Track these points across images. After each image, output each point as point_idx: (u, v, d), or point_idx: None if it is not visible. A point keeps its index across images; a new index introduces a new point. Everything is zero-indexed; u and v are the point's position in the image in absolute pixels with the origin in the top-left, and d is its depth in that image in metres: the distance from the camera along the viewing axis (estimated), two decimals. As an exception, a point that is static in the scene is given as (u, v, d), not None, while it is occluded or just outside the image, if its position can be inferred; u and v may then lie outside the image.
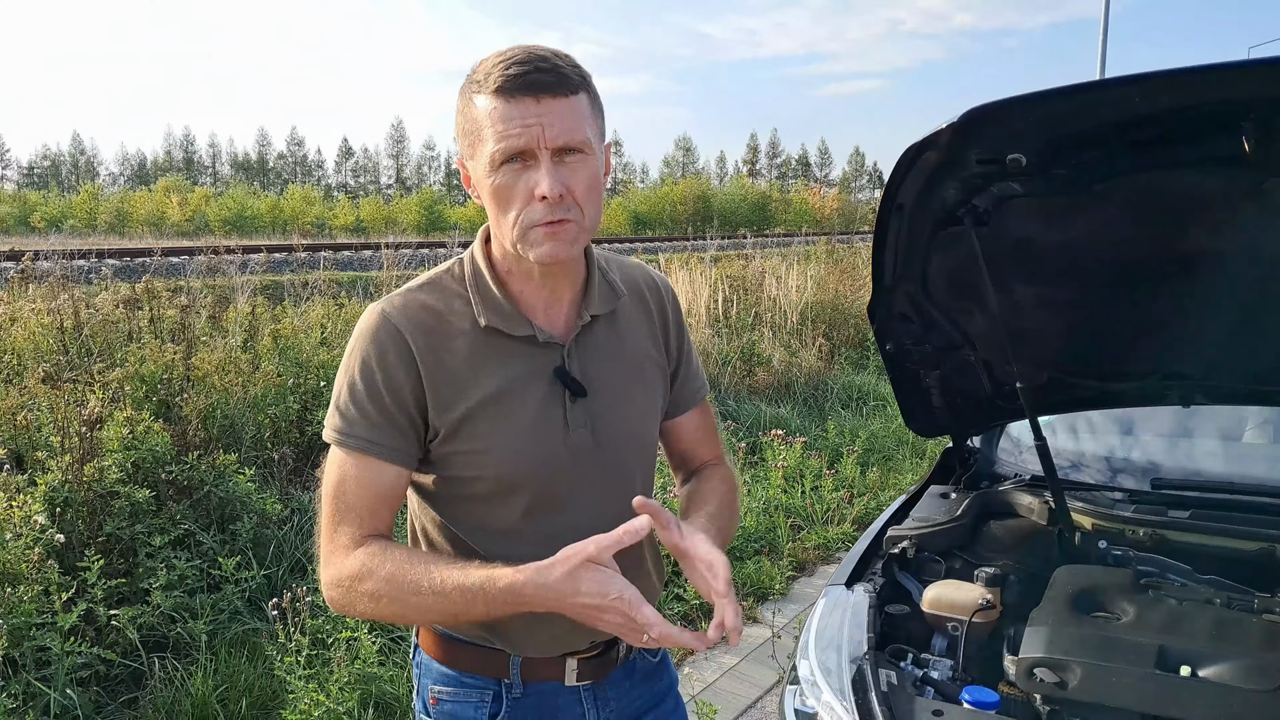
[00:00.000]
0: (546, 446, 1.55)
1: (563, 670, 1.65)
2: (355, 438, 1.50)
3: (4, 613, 3.55)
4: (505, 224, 1.45)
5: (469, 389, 1.51)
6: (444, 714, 1.66)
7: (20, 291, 7.77)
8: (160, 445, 4.67)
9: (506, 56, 1.40)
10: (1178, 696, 1.98)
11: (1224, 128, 1.79)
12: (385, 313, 1.52)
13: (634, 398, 1.67)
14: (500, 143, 1.39)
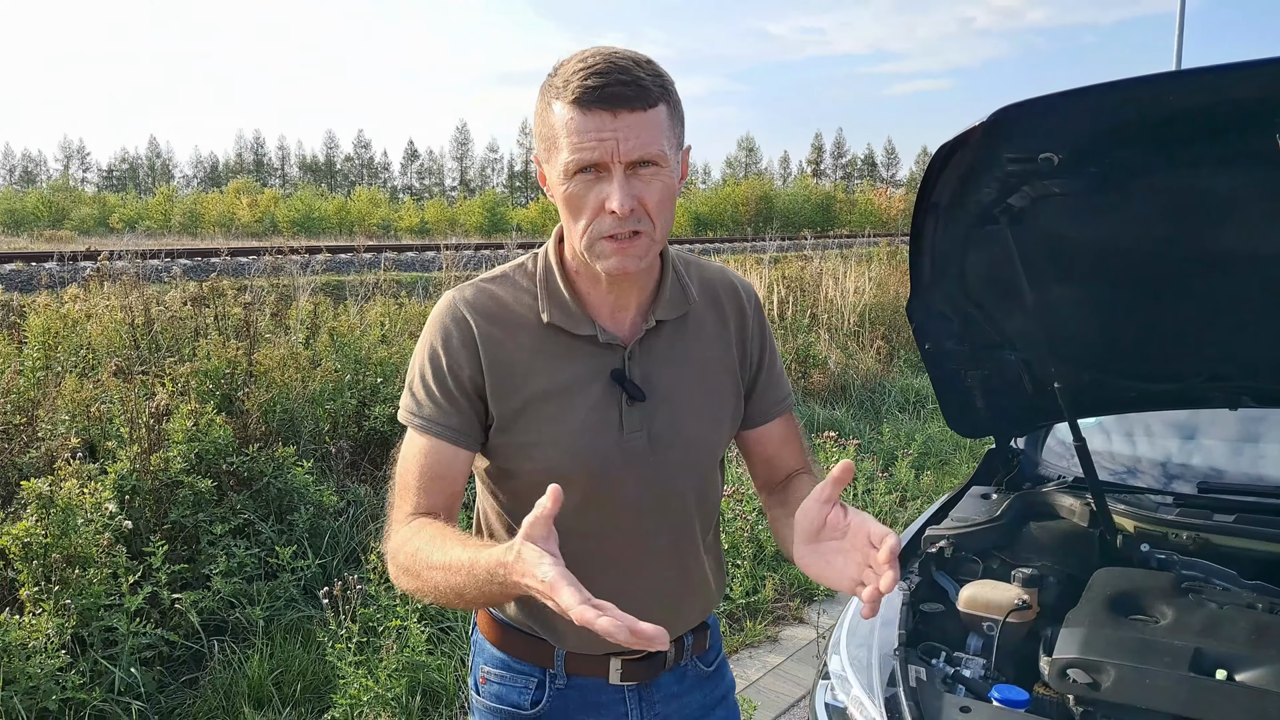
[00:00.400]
0: (598, 446, 1.54)
1: (607, 668, 1.65)
2: (420, 418, 1.54)
3: (74, 594, 3.70)
4: (575, 231, 1.46)
5: (527, 382, 1.53)
6: (491, 694, 1.70)
7: (96, 290, 8.02)
8: (223, 437, 4.81)
9: (587, 65, 1.38)
10: (1211, 700, 1.97)
11: (1258, 125, 1.78)
12: (455, 300, 1.56)
13: (697, 405, 1.63)
14: (574, 154, 1.38)
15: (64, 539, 3.76)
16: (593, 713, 1.66)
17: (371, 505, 5.22)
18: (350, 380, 5.99)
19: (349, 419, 5.88)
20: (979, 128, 2.00)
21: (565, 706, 1.66)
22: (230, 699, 3.86)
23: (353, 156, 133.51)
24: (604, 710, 1.67)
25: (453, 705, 3.87)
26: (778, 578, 5.30)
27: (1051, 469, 3.19)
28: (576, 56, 1.42)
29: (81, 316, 6.82)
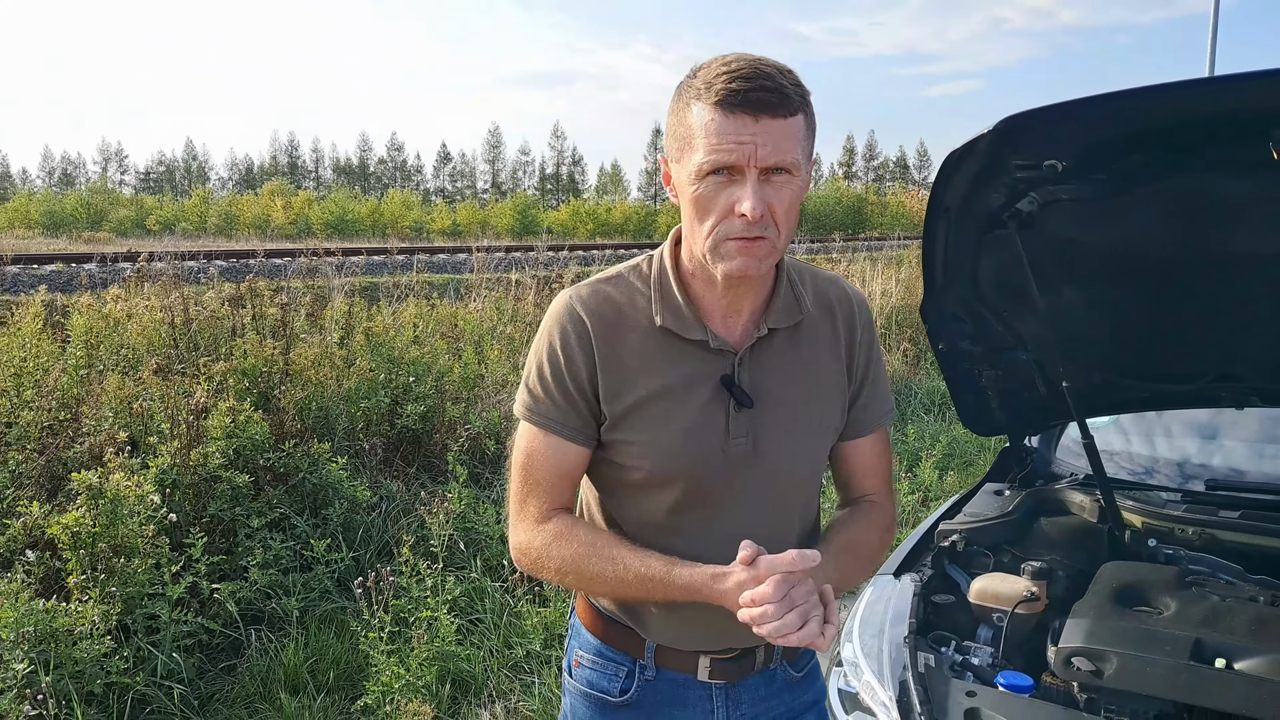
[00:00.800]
0: (703, 450, 1.57)
1: (696, 664, 1.68)
2: (542, 415, 1.60)
3: (120, 582, 3.85)
4: (700, 232, 1.48)
5: (637, 383, 1.57)
6: (582, 678, 1.75)
7: (136, 290, 8.22)
8: (259, 434, 4.96)
9: (731, 68, 1.40)
10: (1210, 687, 2.04)
11: (1253, 134, 1.86)
12: (572, 301, 1.60)
13: (804, 415, 1.65)
14: (710, 155, 1.40)
15: (111, 529, 3.91)
16: (680, 707, 1.70)
17: (403, 500, 5.35)
18: (384, 379, 6.13)
19: (382, 417, 6.02)
20: (986, 135, 2.08)
21: (653, 698, 1.70)
22: (267, 685, 3.99)
23: (386, 159, 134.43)
24: (691, 705, 1.70)
25: (481, 694, 3.98)
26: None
27: (1064, 467, 3.27)
28: (719, 60, 1.43)
29: (123, 316, 7.01)
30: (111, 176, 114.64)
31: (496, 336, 8.51)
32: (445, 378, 6.57)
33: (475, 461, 6.05)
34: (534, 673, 4.11)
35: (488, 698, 3.97)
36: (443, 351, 6.96)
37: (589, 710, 1.74)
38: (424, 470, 6.05)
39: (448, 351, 7.09)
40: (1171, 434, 3.25)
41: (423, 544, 4.66)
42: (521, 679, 4.09)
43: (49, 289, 9.81)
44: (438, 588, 4.27)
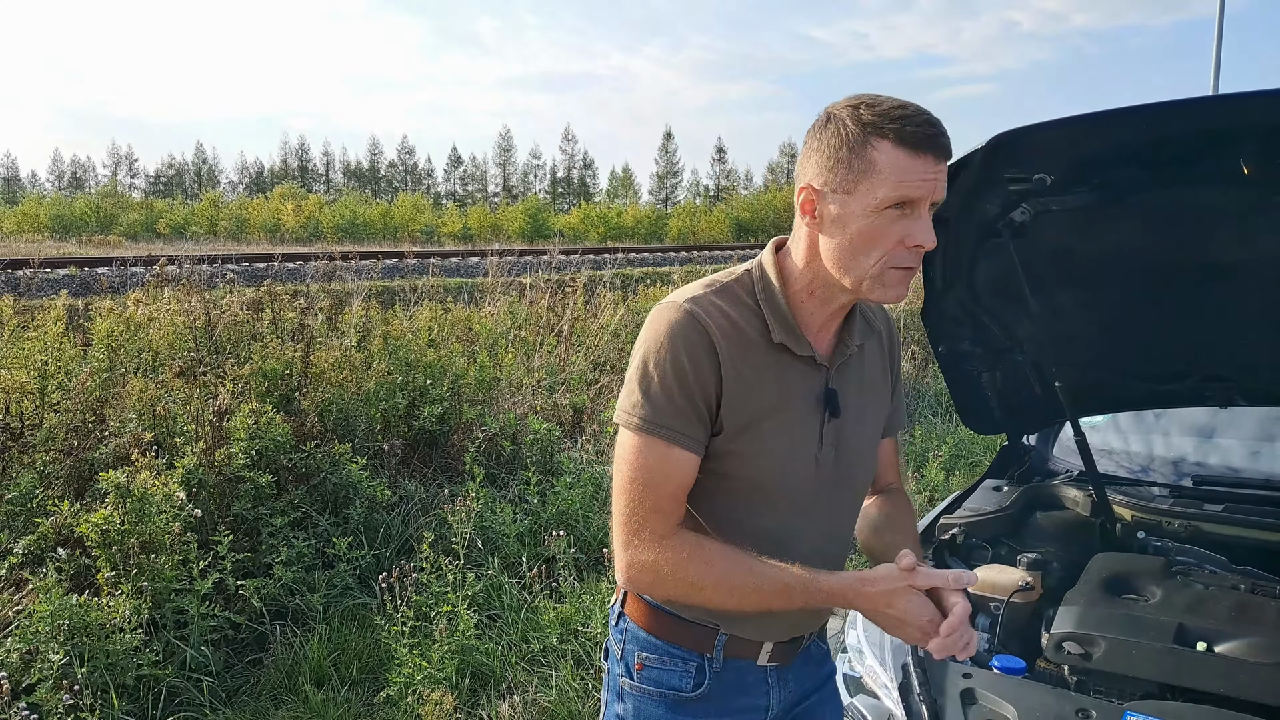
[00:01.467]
0: (802, 457, 1.68)
1: (758, 651, 1.77)
2: (666, 427, 1.60)
3: (149, 578, 4.00)
4: (866, 261, 1.55)
5: (756, 395, 1.63)
6: (650, 679, 1.77)
7: (156, 294, 8.38)
8: (281, 435, 5.10)
9: (908, 110, 1.50)
10: (1191, 668, 2.18)
11: (1225, 151, 1.99)
12: (693, 313, 1.61)
13: (868, 422, 1.80)
14: (897, 190, 1.48)
15: (140, 526, 4.05)
16: (742, 693, 1.79)
17: (422, 500, 5.49)
18: (401, 382, 6.28)
19: (400, 418, 6.16)
20: (980, 150, 2.23)
21: (721, 689, 1.76)
22: (292, 678, 4.13)
23: (396, 162, 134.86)
24: (750, 690, 1.79)
25: (500, 686, 4.12)
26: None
27: (1061, 464, 3.39)
28: (885, 100, 1.53)
29: (144, 320, 7.17)
30: (121, 180, 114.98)
31: (510, 340, 8.66)
32: (461, 380, 6.70)
33: (491, 462, 6.19)
34: (551, 665, 4.25)
35: (506, 689, 4.10)
36: (458, 355, 7.10)
37: (661, 709, 1.78)
38: (441, 471, 6.19)
39: (463, 355, 7.23)
40: (1161, 432, 3.38)
41: (442, 541, 4.80)
42: (539, 671, 4.23)
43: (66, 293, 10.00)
44: (458, 583, 4.41)
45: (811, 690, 1.90)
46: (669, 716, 1.77)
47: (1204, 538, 2.78)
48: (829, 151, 1.54)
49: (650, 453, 1.61)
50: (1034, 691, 2.21)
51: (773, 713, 1.83)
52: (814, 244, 1.61)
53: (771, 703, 1.82)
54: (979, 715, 2.16)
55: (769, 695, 1.81)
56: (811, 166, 1.57)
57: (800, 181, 1.60)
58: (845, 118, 1.53)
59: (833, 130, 1.54)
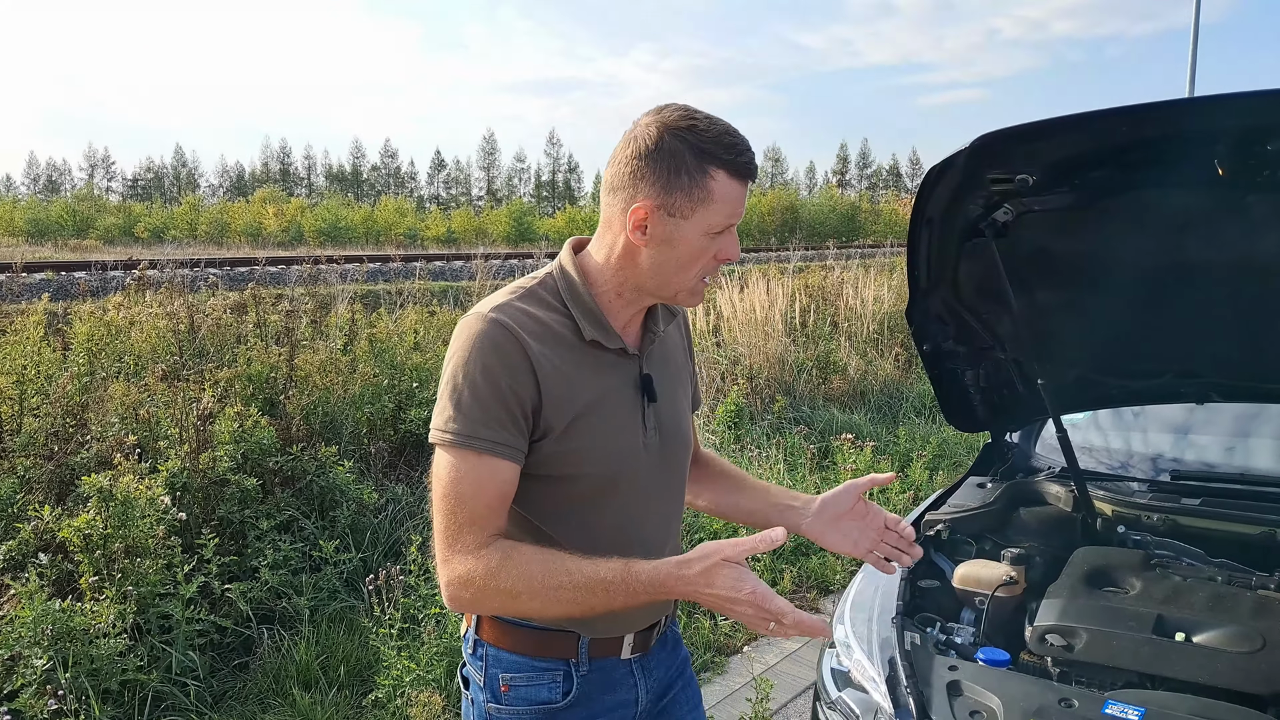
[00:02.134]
0: (632, 446, 1.72)
1: (621, 645, 1.78)
2: (480, 439, 1.58)
3: (133, 582, 3.99)
4: (687, 275, 1.65)
5: (578, 395, 1.65)
6: (519, 698, 1.74)
7: (138, 297, 8.35)
8: (266, 438, 5.09)
9: (734, 138, 1.59)
10: (1170, 658, 2.22)
11: (1199, 153, 2.03)
12: (499, 320, 1.61)
13: (680, 401, 1.87)
14: (729, 219, 1.60)
15: (123, 530, 4.04)
16: (610, 690, 1.80)
17: (409, 503, 5.49)
18: (388, 384, 6.27)
19: (386, 421, 6.16)
20: (964, 152, 2.26)
21: (589, 690, 1.76)
22: (279, 681, 4.13)
23: (379, 166, 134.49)
24: (618, 686, 1.81)
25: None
26: (796, 570, 5.53)
27: (1043, 460, 3.43)
28: (711, 125, 1.59)
29: (125, 324, 7.14)
30: (99, 183, 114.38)
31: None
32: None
33: (476, 465, 6.18)
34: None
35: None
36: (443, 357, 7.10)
37: None
38: (428, 473, 6.18)
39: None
40: (1140, 429, 3.42)
41: (429, 544, 4.80)
42: (525, 672, 4.23)
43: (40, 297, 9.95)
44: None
45: (674, 678, 1.94)
46: None
47: (1182, 531, 2.83)
48: (668, 175, 1.57)
49: (465, 466, 1.59)
50: (1017, 682, 2.24)
51: (642, 705, 1.85)
52: (633, 255, 1.66)
53: (640, 695, 1.84)
54: (964, 706, 2.19)
55: (636, 688, 1.84)
56: (647, 185, 1.59)
57: (629, 196, 1.61)
58: (681, 145, 1.57)
59: (668, 155, 1.57)
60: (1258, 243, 2.31)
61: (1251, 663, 2.14)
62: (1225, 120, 1.99)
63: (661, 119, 1.59)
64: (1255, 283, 2.44)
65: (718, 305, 10.84)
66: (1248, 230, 2.28)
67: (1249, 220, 2.25)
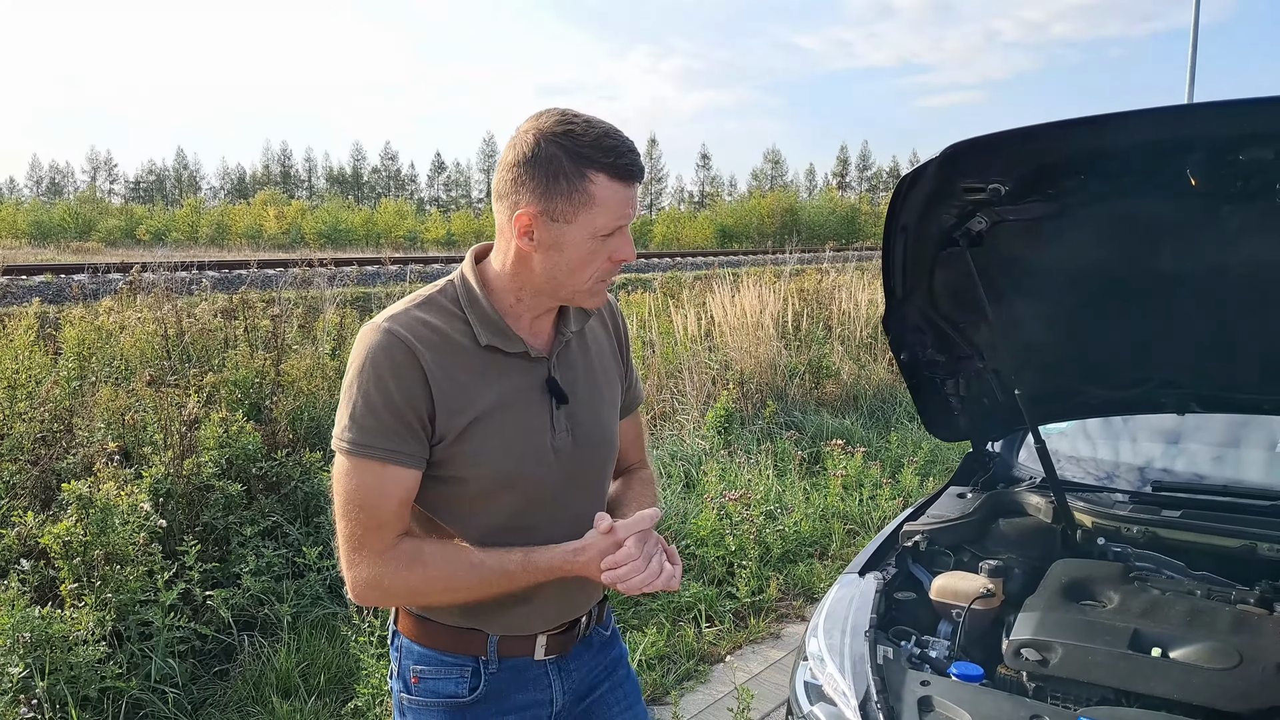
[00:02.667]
0: (537, 448, 1.74)
1: (533, 646, 1.82)
2: (378, 448, 1.62)
3: (113, 589, 3.96)
4: (582, 277, 1.67)
5: (474, 400, 1.68)
6: (426, 690, 1.80)
7: (129, 302, 8.33)
8: (252, 444, 5.05)
9: (614, 139, 1.61)
10: (1145, 674, 2.19)
11: (1172, 162, 2.00)
12: (392, 330, 1.65)
13: (602, 404, 1.88)
14: (617, 221, 1.63)
15: (103, 537, 4.01)
16: (522, 689, 1.83)
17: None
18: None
19: (373, 427, 6.12)
20: (935, 160, 2.23)
21: (499, 688, 1.80)
22: (259, 689, 4.10)
23: (380, 168, 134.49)
24: (531, 685, 1.84)
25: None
26: (782, 578, 5.50)
27: (1025, 471, 3.40)
28: (589, 128, 1.61)
29: (115, 328, 7.12)
30: (101, 186, 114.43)
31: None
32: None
33: (464, 470, 6.15)
34: (520, 674, 4.22)
35: (475, 699, 4.08)
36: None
37: (439, 718, 1.81)
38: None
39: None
40: (1122, 439, 3.39)
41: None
42: (507, 680, 4.20)
43: (40, 301, 9.93)
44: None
45: (601, 679, 1.97)
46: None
47: (1162, 544, 2.80)
48: (546, 181, 1.60)
49: (365, 474, 1.64)
50: (990, 698, 2.21)
51: (558, 705, 1.88)
52: (525, 261, 1.68)
53: (555, 695, 1.87)
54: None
55: (551, 689, 1.86)
56: (527, 192, 1.61)
57: (512, 204, 1.64)
58: (558, 150, 1.59)
59: (545, 160, 1.59)
60: (1233, 254, 2.29)
61: (1228, 680, 2.11)
62: (1196, 131, 1.97)
63: (538, 125, 1.61)
64: (1232, 293, 2.41)
65: (709, 309, 10.81)
66: (1222, 241, 2.26)
67: (1224, 231, 2.22)
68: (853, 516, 6.55)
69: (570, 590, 1.80)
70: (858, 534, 6.38)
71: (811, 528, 6.18)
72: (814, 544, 6.05)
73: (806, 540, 6.05)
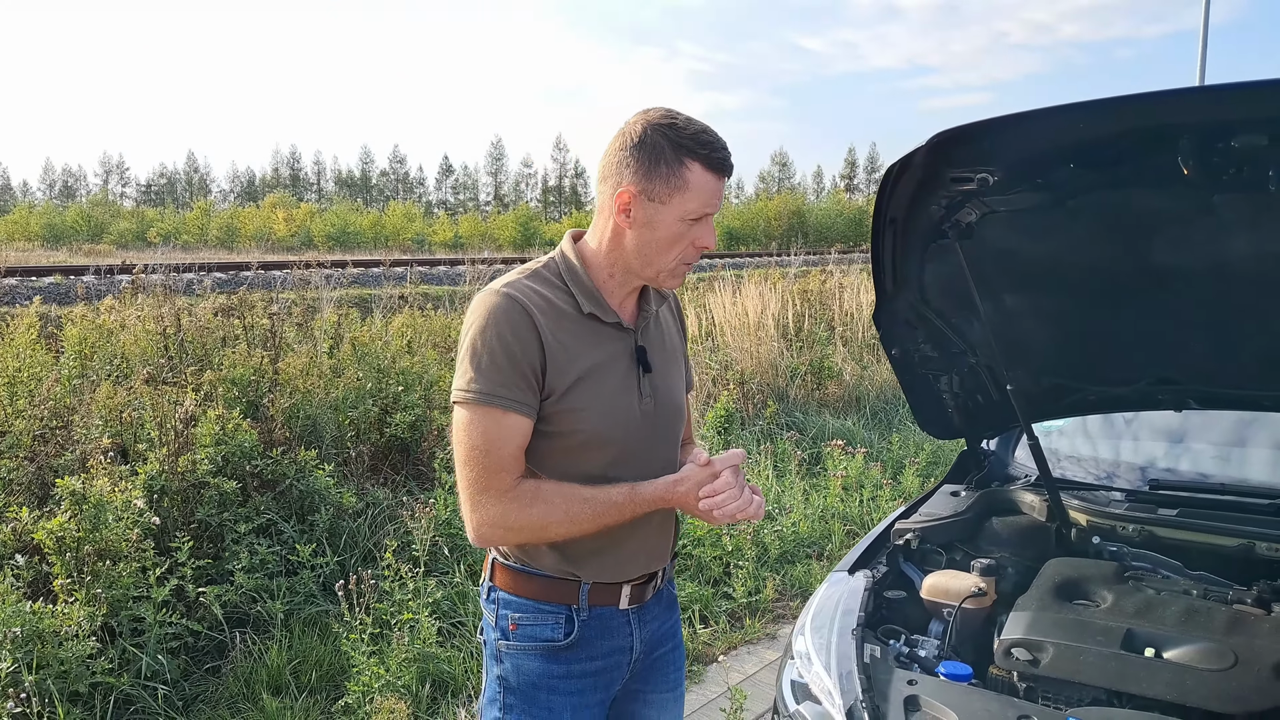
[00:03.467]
0: (628, 409, 1.94)
1: (619, 596, 2.00)
2: (500, 397, 1.82)
3: (105, 585, 3.94)
4: (666, 258, 1.89)
5: (577, 361, 1.88)
6: (524, 635, 1.98)
7: (130, 301, 8.32)
8: (248, 441, 5.03)
9: (711, 137, 1.83)
10: (1138, 675, 2.14)
11: (1164, 151, 1.96)
12: (511, 294, 1.86)
13: (675, 375, 2.11)
14: (705, 208, 1.84)
15: (95, 533, 3.99)
16: (608, 636, 2.01)
17: (389, 507, 5.44)
18: (373, 388, 6.21)
19: (371, 425, 6.10)
20: (922, 149, 2.19)
21: (589, 635, 1.98)
22: (250, 686, 4.08)
23: (388, 171, 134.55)
24: (615, 633, 2.02)
25: (460, 694, 4.06)
26: (779, 579, 5.46)
27: (1020, 469, 3.35)
28: (691, 123, 1.83)
29: (116, 327, 7.11)
30: (113, 189, 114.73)
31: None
32: (435, 387, 6.65)
33: (462, 469, 6.11)
34: (513, 674, 4.19)
35: (466, 697, 4.05)
36: (434, 361, 7.04)
37: (537, 661, 1.98)
38: (412, 478, 6.13)
39: (439, 361, 7.17)
40: (1119, 437, 3.34)
41: (406, 549, 4.74)
42: (500, 680, 4.17)
43: (45, 300, 9.95)
44: (419, 591, 4.36)
45: (666, 637, 2.16)
46: (545, 666, 1.98)
47: (1158, 542, 2.75)
48: (649, 164, 1.82)
49: (488, 421, 1.83)
50: (977, 698, 2.17)
51: (636, 653, 2.07)
52: (620, 237, 1.90)
53: (634, 643, 2.06)
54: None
55: (632, 636, 2.05)
56: (630, 173, 1.83)
57: (616, 183, 1.86)
58: (661, 139, 1.81)
59: (650, 147, 1.82)
60: (1228, 246, 2.24)
61: (1222, 681, 2.06)
62: (1187, 116, 1.92)
63: (647, 117, 1.84)
64: (1228, 287, 2.36)
65: (710, 309, 10.77)
66: (1216, 232, 2.21)
67: (1217, 221, 2.17)
68: (853, 517, 6.50)
69: (654, 541, 2.03)
70: (857, 535, 6.33)
71: (810, 529, 6.14)
72: (812, 545, 6.01)
73: (805, 541, 6.01)
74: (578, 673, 1.99)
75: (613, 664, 2.04)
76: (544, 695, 1.99)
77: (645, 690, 2.15)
